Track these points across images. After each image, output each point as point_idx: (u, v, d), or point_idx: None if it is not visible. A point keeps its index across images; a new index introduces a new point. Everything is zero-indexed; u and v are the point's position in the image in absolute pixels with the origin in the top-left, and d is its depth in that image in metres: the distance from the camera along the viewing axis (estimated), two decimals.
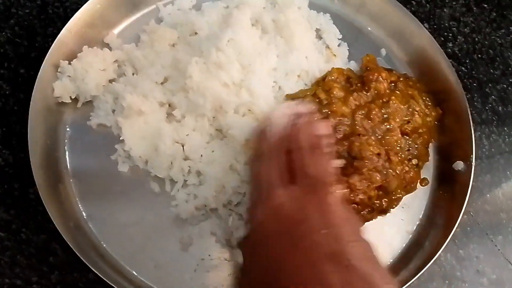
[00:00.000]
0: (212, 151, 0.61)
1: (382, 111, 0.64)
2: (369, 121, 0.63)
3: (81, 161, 0.61)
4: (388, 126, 0.64)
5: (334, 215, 0.42)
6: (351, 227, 0.42)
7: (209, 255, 0.58)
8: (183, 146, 0.62)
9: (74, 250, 0.51)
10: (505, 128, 0.76)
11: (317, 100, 0.65)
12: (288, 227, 0.41)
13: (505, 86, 0.80)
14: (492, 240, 0.67)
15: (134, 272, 0.56)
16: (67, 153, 0.61)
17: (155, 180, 0.61)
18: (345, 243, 0.38)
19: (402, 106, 0.66)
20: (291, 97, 0.65)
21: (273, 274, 0.39)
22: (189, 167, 0.61)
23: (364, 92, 0.66)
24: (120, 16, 0.71)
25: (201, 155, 0.61)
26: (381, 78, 0.66)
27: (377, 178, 0.61)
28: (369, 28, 0.78)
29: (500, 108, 0.78)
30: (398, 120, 0.64)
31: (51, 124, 0.62)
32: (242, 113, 0.63)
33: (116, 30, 0.71)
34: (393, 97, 0.65)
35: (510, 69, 0.82)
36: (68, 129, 0.63)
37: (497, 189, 0.71)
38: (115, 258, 0.56)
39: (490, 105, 0.77)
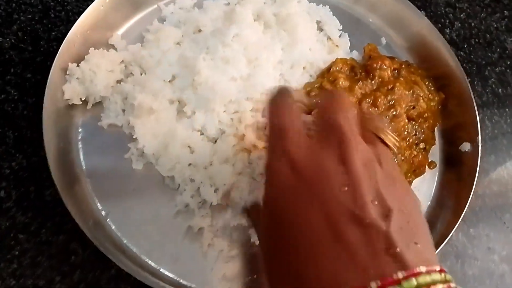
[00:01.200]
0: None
1: (388, 98, 0.66)
2: (376, 109, 0.65)
3: (95, 161, 0.62)
4: (394, 113, 0.65)
5: (355, 168, 0.37)
6: (376, 179, 0.37)
7: (228, 246, 0.58)
8: (192, 150, 0.62)
9: (97, 246, 0.51)
10: (506, 110, 0.78)
11: None
12: (306, 181, 0.37)
13: (503, 68, 0.82)
14: (500, 218, 0.69)
15: (155, 265, 0.57)
16: (81, 154, 0.62)
17: (170, 176, 0.62)
18: (366, 202, 0.35)
19: (407, 92, 0.67)
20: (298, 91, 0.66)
21: (289, 231, 0.36)
22: (191, 178, 0.61)
23: (369, 80, 0.67)
24: (122, 18, 0.72)
25: (205, 168, 0.61)
26: (384, 66, 0.68)
27: None
28: (368, 18, 0.79)
29: (500, 90, 0.79)
30: (403, 106, 0.66)
31: (63, 127, 0.62)
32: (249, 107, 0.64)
33: (120, 31, 0.71)
34: (397, 84, 0.67)
35: (507, 52, 0.84)
36: (80, 130, 0.63)
37: (502, 169, 0.73)
38: (135, 253, 0.57)
39: (490, 88, 0.79)
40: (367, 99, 0.65)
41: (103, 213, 0.59)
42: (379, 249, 0.32)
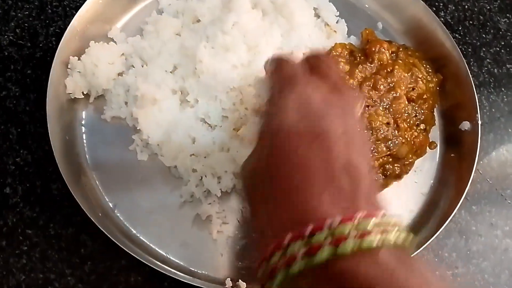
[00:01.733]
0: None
1: (388, 80, 0.66)
2: (376, 92, 0.66)
3: (100, 154, 0.62)
4: (394, 95, 0.66)
5: (353, 124, 0.41)
6: (363, 143, 0.41)
7: (237, 232, 0.59)
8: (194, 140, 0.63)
9: (108, 235, 0.52)
10: (503, 89, 0.79)
11: None
12: (311, 119, 0.39)
13: (498, 49, 0.83)
14: (502, 195, 0.70)
15: (165, 254, 0.57)
16: (85, 147, 0.62)
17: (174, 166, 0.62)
18: (358, 156, 0.38)
19: (406, 74, 0.68)
20: None
21: (287, 161, 0.38)
22: (193, 168, 0.61)
23: (368, 64, 0.68)
24: (120, 10, 0.72)
25: (205, 157, 0.62)
26: (383, 49, 0.68)
27: (384, 149, 0.63)
28: (364, 3, 0.80)
29: (495, 70, 0.80)
30: (403, 87, 0.67)
31: (67, 121, 0.62)
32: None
33: (119, 24, 0.71)
34: (396, 66, 0.67)
35: (501, 32, 0.85)
36: (83, 124, 0.64)
37: (501, 146, 0.74)
38: (145, 242, 0.57)
39: (486, 68, 0.80)
40: (368, 83, 0.66)
41: (111, 205, 0.59)
42: (362, 196, 0.36)
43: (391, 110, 0.65)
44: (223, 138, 0.63)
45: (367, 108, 0.64)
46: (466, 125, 0.67)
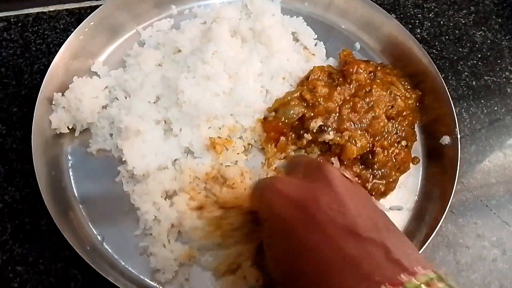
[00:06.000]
0: None
1: (366, 100, 0.68)
2: (355, 114, 0.67)
3: (87, 187, 0.63)
4: (373, 114, 0.67)
5: (339, 190, 0.43)
6: (359, 199, 0.43)
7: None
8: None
9: (97, 270, 0.52)
10: (482, 101, 0.80)
11: (304, 103, 0.67)
12: (299, 208, 0.43)
13: (475, 61, 0.85)
14: (487, 205, 0.71)
15: (157, 286, 0.57)
16: (72, 181, 0.63)
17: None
18: (355, 216, 0.40)
19: (384, 93, 0.69)
20: (279, 102, 0.67)
21: (293, 252, 0.40)
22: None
23: (347, 85, 0.69)
24: (102, 44, 0.73)
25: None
26: (360, 70, 0.70)
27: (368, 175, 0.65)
28: (340, 24, 0.82)
29: (473, 82, 0.82)
30: (382, 106, 0.68)
31: (53, 156, 0.63)
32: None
33: (101, 58, 0.73)
34: (374, 86, 0.69)
35: (477, 45, 0.87)
36: (69, 158, 0.65)
37: (484, 158, 0.75)
38: (135, 274, 0.58)
39: (464, 81, 0.82)
40: (347, 105, 0.67)
41: (99, 237, 0.60)
42: (380, 258, 0.36)
43: (369, 130, 0.66)
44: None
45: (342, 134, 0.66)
46: (446, 139, 0.68)
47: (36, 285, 0.58)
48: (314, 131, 0.65)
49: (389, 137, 0.67)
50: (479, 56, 0.85)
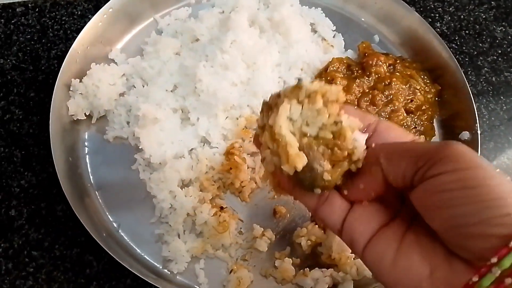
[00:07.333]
0: None
1: (386, 93, 0.67)
2: (375, 107, 0.66)
3: (103, 174, 0.63)
4: (392, 108, 0.67)
5: None
6: None
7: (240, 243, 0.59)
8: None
9: (112, 255, 0.52)
10: (502, 97, 0.79)
11: None
12: None
13: (495, 57, 0.83)
14: None
15: (170, 272, 0.57)
16: (89, 168, 0.63)
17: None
18: None
19: (404, 86, 0.68)
20: None
21: None
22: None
23: (366, 77, 0.68)
24: (120, 32, 0.73)
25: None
26: (380, 62, 0.69)
27: None
28: (360, 17, 0.81)
29: (493, 78, 0.81)
30: (401, 100, 0.67)
31: (70, 142, 0.63)
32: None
33: (119, 46, 0.73)
34: (394, 79, 0.68)
35: (497, 41, 0.85)
36: (86, 144, 0.65)
37: (502, 154, 0.74)
38: (150, 261, 0.58)
39: (484, 77, 0.81)
40: (365, 98, 0.66)
41: (115, 224, 0.60)
42: None
43: None
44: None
45: None
46: (465, 135, 0.67)
47: (52, 270, 0.58)
48: None
49: (408, 131, 0.66)
50: (499, 52, 0.84)
